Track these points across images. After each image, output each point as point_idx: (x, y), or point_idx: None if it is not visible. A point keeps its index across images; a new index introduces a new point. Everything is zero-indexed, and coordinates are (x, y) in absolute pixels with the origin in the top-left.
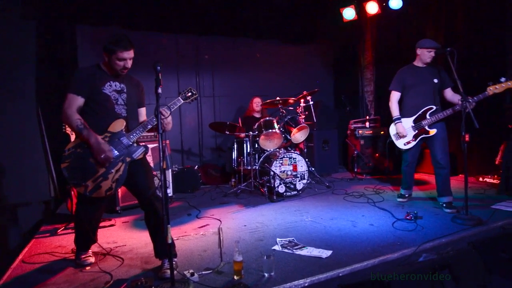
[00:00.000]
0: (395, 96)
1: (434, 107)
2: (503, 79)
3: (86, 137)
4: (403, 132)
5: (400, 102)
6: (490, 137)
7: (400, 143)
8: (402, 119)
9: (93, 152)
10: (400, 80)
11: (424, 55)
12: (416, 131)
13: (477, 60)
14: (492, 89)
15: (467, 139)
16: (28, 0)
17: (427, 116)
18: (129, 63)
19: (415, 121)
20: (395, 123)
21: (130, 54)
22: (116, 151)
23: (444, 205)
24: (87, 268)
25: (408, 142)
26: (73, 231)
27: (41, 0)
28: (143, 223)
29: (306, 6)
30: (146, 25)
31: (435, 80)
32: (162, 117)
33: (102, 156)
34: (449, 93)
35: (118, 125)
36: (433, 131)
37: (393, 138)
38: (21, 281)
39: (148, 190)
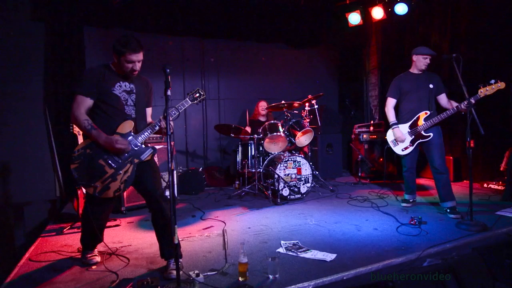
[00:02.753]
0: (391, 102)
1: (429, 112)
2: (492, 81)
3: (95, 137)
4: (401, 137)
5: (397, 108)
6: (494, 143)
7: (397, 149)
8: (399, 125)
9: (107, 149)
10: (396, 87)
11: (420, 62)
12: (413, 136)
13: (482, 66)
14: (483, 91)
15: (472, 145)
16: (37, 2)
17: (423, 121)
18: (138, 66)
19: (411, 127)
20: (392, 129)
21: (139, 56)
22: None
23: (448, 210)
24: (93, 267)
25: (406, 148)
26: (79, 230)
27: (50, 2)
28: (148, 224)
29: (311, 10)
30: (152, 27)
31: (431, 86)
32: (164, 123)
33: (119, 149)
34: (443, 99)
35: (127, 126)
36: (429, 135)
37: (391, 144)
38: (28, 279)
39: (156, 191)
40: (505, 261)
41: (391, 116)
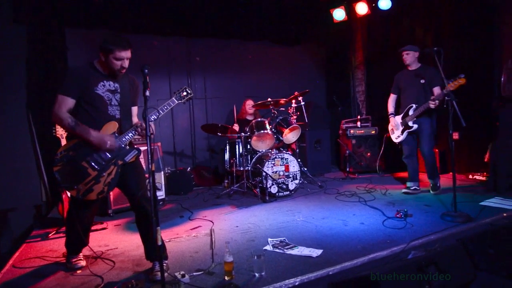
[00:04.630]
0: (390, 97)
1: (414, 105)
2: (457, 77)
3: (80, 133)
4: (392, 125)
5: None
6: (479, 135)
7: (393, 137)
8: (396, 117)
9: (94, 146)
10: (395, 83)
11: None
12: (403, 127)
13: (465, 59)
14: (448, 87)
15: (456, 137)
16: (19, 4)
17: (410, 113)
18: (126, 63)
19: (402, 118)
20: (389, 118)
21: (127, 53)
22: (108, 154)
23: (431, 185)
24: (78, 271)
25: (398, 136)
26: (65, 235)
27: (32, 4)
28: (135, 226)
29: (296, 7)
30: (136, 27)
31: (422, 81)
32: (141, 129)
33: (107, 146)
34: (436, 92)
35: (111, 128)
36: (412, 126)
37: (390, 133)
38: (11, 286)
39: (138, 192)
40: (488, 250)
41: (389, 108)
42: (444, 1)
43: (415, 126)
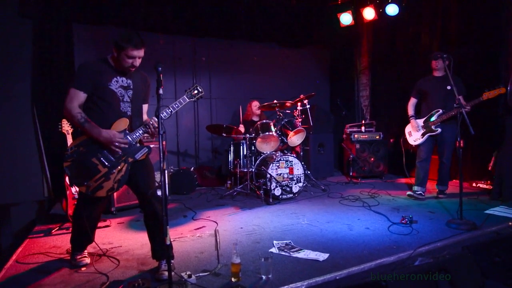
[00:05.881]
0: (410, 101)
1: (441, 111)
2: (497, 87)
3: (88, 130)
4: (411, 126)
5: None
6: (483, 143)
7: (411, 140)
8: (417, 120)
9: (102, 144)
10: (416, 88)
11: (432, 65)
12: (424, 130)
13: (471, 65)
14: (486, 95)
15: (461, 145)
16: None
17: (434, 117)
18: (138, 62)
19: (424, 122)
20: (410, 120)
21: (140, 53)
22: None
23: (438, 191)
24: (83, 268)
25: (416, 139)
26: (68, 231)
27: None
28: (139, 224)
29: (303, 10)
30: (143, 25)
31: (448, 87)
32: (152, 127)
33: (116, 144)
34: (461, 100)
35: (122, 124)
36: (436, 130)
37: (407, 135)
38: (15, 281)
39: (148, 191)
40: (494, 259)
41: (408, 111)
42: (451, 9)
43: (439, 130)
